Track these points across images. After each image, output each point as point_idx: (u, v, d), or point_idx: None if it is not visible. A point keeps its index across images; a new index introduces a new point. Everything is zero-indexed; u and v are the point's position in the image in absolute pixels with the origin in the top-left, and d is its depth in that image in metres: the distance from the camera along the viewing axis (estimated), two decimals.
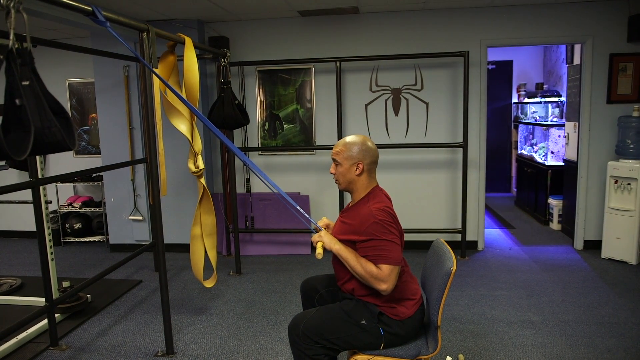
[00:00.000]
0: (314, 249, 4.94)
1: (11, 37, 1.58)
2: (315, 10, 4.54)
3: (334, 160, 2.12)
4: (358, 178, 2.08)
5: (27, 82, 1.61)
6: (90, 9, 2.19)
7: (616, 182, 4.41)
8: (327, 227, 2.26)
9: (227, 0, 4.04)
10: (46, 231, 3.12)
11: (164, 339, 3.01)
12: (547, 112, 6.40)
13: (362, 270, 1.93)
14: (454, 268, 1.94)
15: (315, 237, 2.08)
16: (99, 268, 4.66)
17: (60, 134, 1.65)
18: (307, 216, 2.25)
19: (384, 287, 1.91)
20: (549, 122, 6.10)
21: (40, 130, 1.62)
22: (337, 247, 2.02)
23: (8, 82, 1.58)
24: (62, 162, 5.63)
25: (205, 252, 3.41)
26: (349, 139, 2.11)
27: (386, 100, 4.85)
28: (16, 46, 1.59)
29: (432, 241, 2.36)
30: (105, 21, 2.23)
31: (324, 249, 2.05)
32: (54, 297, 3.11)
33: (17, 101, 1.56)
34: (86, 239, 5.50)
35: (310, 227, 2.26)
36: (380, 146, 4.77)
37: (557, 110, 6.18)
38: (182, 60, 3.13)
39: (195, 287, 4.12)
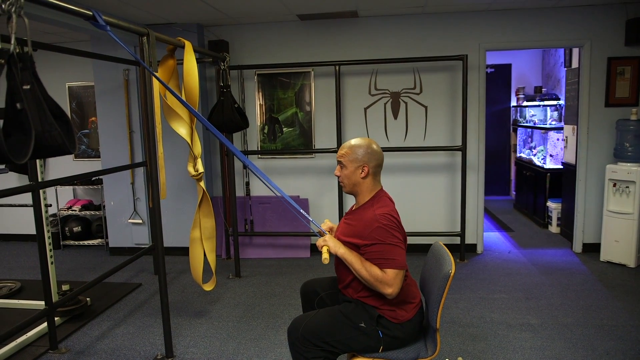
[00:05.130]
0: (315, 252, 4.97)
1: (12, 41, 1.59)
2: (314, 14, 4.55)
3: (339, 162, 2.13)
4: (363, 181, 2.09)
5: (28, 86, 1.61)
6: (90, 13, 2.20)
7: (615, 185, 4.42)
8: (330, 230, 2.25)
9: (226, 4, 4.06)
10: (46, 234, 3.12)
11: (163, 342, 3.01)
12: (545, 115, 6.42)
13: (367, 274, 1.93)
14: (453, 271, 1.95)
15: (320, 242, 2.07)
16: (98, 271, 4.66)
17: (60, 138, 1.66)
18: (311, 219, 2.24)
19: (390, 291, 1.91)
20: (548, 126, 6.12)
21: (40, 133, 1.62)
22: (342, 250, 2.00)
23: (9, 86, 1.58)
24: (61, 165, 5.63)
25: (205, 255, 3.41)
26: (354, 141, 2.11)
27: (385, 104, 4.87)
28: (17, 50, 1.60)
29: (431, 244, 2.37)
30: (105, 25, 2.24)
31: (329, 253, 2.04)
32: (53, 300, 3.10)
33: (18, 105, 1.57)
34: (86, 242, 5.50)
35: (314, 231, 2.25)
36: None
37: (555, 114, 6.20)
38: (182, 64, 3.14)
39: (194, 290, 4.12)
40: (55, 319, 3.22)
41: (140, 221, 5.15)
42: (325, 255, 2.03)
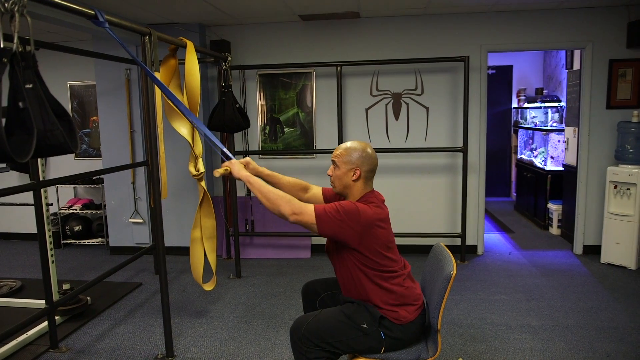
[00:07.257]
0: (316, 252, 4.97)
1: (15, 40, 1.59)
2: (316, 15, 4.56)
3: (333, 162, 2.14)
4: (354, 184, 2.09)
5: (31, 85, 1.62)
6: (92, 12, 2.20)
7: (615, 187, 4.42)
8: (246, 164, 2.28)
9: (228, 4, 4.07)
10: (47, 233, 3.12)
11: (164, 341, 3.02)
12: (546, 117, 6.42)
13: (274, 194, 1.95)
14: (454, 272, 1.95)
15: (225, 163, 2.15)
16: (99, 270, 4.66)
17: (62, 137, 1.66)
18: (225, 150, 2.28)
19: (289, 210, 1.91)
20: (549, 127, 6.12)
21: (42, 132, 1.62)
22: (244, 173, 2.08)
23: (12, 85, 1.58)
24: (62, 164, 5.64)
25: (205, 255, 3.41)
26: (350, 144, 2.12)
27: (386, 105, 4.87)
28: (20, 49, 1.60)
29: (432, 245, 2.37)
30: (104, 22, 2.24)
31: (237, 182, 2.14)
32: (54, 299, 3.11)
33: (20, 104, 1.57)
34: (86, 242, 5.50)
35: (223, 158, 2.29)
36: (380, 150, 4.81)
37: (556, 115, 6.20)
38: (184, 63, 3.15)
39: (195, 290, 4.12)
40: (56, 318, 3.22)
41: (141, 220, 5.15)
42: (220, 170, 2.11)
